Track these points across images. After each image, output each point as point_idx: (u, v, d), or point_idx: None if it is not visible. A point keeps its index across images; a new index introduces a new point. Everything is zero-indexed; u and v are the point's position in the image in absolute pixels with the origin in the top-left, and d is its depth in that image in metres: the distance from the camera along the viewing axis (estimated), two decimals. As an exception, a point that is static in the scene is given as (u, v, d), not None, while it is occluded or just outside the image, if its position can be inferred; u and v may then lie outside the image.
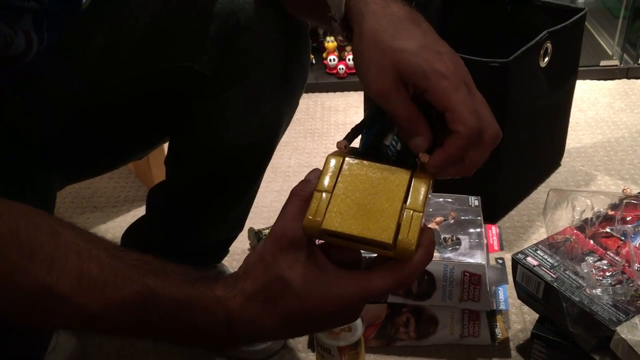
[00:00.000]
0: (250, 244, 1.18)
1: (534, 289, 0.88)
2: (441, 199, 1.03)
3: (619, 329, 0.78)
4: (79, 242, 0.47)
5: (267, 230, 1.18)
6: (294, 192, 0.49)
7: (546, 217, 0.99)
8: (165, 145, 0.88)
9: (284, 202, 0.49)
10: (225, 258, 1.03)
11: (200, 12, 0.69)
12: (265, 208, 1.29)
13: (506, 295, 0.99)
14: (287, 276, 0.47)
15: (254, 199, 0.92)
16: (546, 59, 1.16)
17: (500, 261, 1.08)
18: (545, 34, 1.13)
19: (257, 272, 0.48)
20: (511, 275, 0.93)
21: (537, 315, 0.92)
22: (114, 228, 1.27)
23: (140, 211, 1.18)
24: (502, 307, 0.97)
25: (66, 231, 0.47)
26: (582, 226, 0.94)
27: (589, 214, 0.95)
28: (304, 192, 0.49)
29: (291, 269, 0.47)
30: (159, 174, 1.27)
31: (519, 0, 1.31)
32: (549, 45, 1.15)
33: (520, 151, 1.21)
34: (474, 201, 1.03)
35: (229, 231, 0.95)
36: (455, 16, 1.36)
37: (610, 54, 1.81)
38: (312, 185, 0.49)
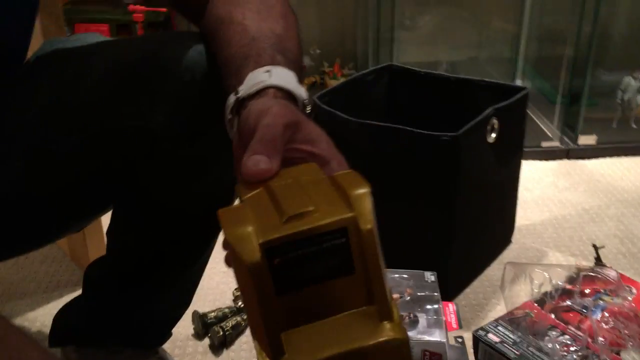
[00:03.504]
0: (194, 328, 1.10)
1: (498, 368, 0.83)
2: (396, 275, 0.99)
3: (589, 407, 0.74)
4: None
5: (212, 314, 1.10)
6: None
7: (504, 292, 0.96)
8: (105, 222, 0.82)
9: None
10: (167, 344, 0.94)
11: (154, 68, 0.65)
12: (211, 290, 1.22)
13: (468, 376, 0.94)
14: None
15: (203, 271, 0.86)
16: (493, 135, 1.17)
17: (460, 340, 1.03)
18: (491, 110, 1.15)
19: None
20: (472, 354, 0.89)
21: (501, 397, 0.87)
22: (44, 316, 1.16)
23: (74, 296, 1.10)
24: (464, 388, 0.92)
25: None
26: (542, 299, 0.92)
27: (547, 287, 0.94)
28: None
29: None
30: (96, 257, 1.19)
31: (462, 79, 1.34)
32: (495, 121, 1.16)
33: (472, 226, 1.19)
34: (430, 277, 0.99)
35: (174, 308, 0.88)
36: (401, 93, 1.38)
37: (550, 135, 1.87)
38: None
